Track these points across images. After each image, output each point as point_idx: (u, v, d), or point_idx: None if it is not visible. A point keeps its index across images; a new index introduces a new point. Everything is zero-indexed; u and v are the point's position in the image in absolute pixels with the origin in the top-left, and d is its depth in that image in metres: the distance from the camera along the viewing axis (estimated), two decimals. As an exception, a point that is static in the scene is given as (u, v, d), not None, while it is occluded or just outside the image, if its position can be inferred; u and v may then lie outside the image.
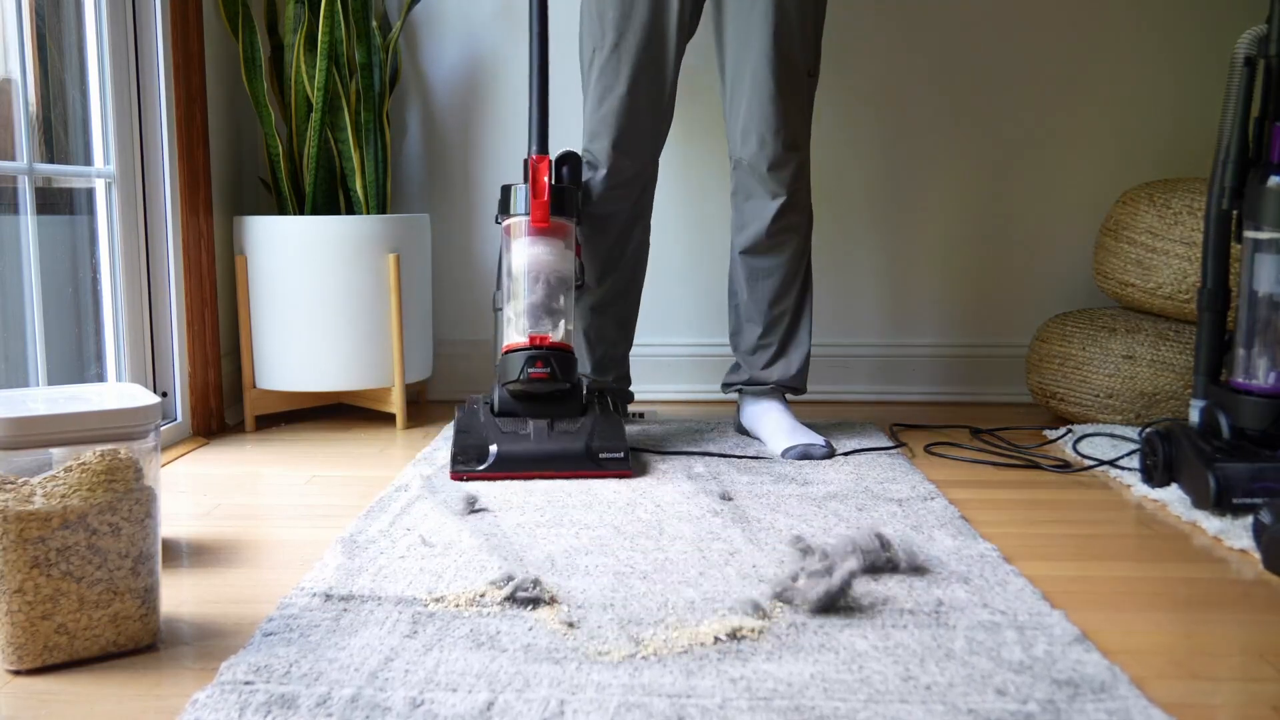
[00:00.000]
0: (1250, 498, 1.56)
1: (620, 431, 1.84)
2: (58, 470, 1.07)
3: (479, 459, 1.78)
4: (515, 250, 1.92)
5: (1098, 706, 0.98)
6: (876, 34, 2.50)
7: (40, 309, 1.76)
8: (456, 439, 1.82)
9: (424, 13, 2.51)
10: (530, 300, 1.89)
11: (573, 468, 1.79)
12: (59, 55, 1.94)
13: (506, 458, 1.78)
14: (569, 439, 1.81)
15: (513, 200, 1.94)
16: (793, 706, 0.98)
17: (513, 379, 1.86)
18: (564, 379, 1.86)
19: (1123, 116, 2.51)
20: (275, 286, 2.20)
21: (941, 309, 2.58)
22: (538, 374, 1.84)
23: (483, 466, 1.77)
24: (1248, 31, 1.71)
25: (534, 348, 1.86)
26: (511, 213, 1.94)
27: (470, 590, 1.25)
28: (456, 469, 1.77)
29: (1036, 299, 2.56)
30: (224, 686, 1.02)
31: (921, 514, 1.59)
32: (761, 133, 1.94)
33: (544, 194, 1.90)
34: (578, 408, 1.89)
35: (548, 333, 1.88)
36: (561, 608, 1.21)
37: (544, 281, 1.89)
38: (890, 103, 2.52)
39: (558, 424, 1.84)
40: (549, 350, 1.86)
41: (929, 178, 2.54)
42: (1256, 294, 1.67)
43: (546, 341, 1.87)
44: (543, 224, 1.90)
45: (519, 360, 1.86)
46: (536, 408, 1.88)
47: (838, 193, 2.54)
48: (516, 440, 1.80)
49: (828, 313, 2.57)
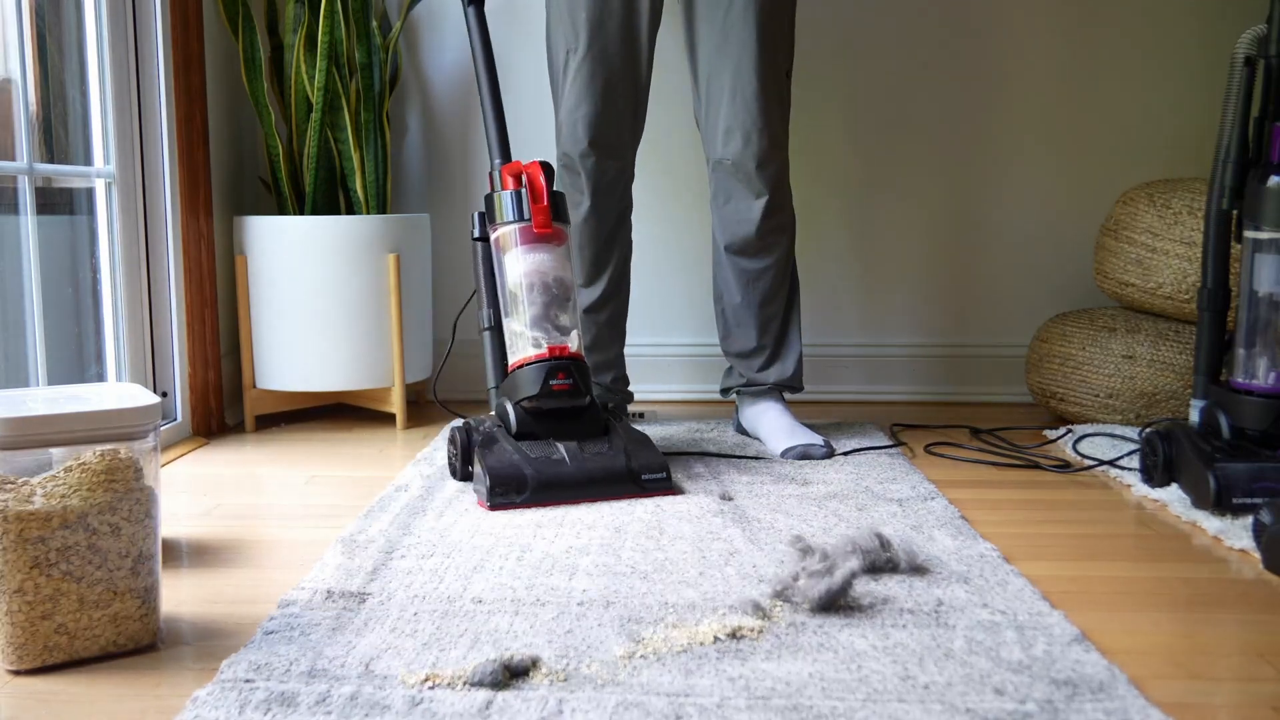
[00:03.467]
0: (1250, 498, 1.56)
1: (654, 448, 1.74)
2: (58, 470, 1.07)
3: (517, 489, 1.62)
4: (512, 261, 1.77)
5: (1096, 706, 0.98)
6: (877, 34, 2.50)
7: (40, 309, 1.76)
8: (488, 469, 1.63)
9: (424, 13, 2.51)
10: (538, 311, 1.74)
11: (615, 492, 1.67)
12: (59, 55, 1.94)
13: (546, 484, 1.63)
14: (606, 460, 1.68)
15: (501, 208, 1.79)
16: (791, 706, 0.98)
17: (532, 394, 1.70)
18: (586, 391, 1.73)
19: (1123, 116, 2.51)
20: (275, 286, 2.20)
21: (941, 309, 2.58)
22: (560, 385, 1.69)
23: (522, 497, 1.62)
24: (1248, 31, 1.71)
25: (553, 359, 1.71)
26: (501, 221, 1.79)
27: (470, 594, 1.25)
28: (496, 501, 1.61)
29: (1036, 299, 2.56)
30: (224, 684, 1.02)
31: (921, 514, 1.59)
32: (747, 130, 1.92)
33: (544, 198, 1.77)
34: (599, 424, 1.76)
35: (565, 343, 1.74)
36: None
37: (551, 290, 1.76)
38: (890, 101, 2.52)
39: (586, 444, 1.70)
40: (569, 360, 1.72)
41: (928, 177, 2.54)
42: (1256, 294, 1.67)
43: (566, 352, 1.73)
44: (546, 229, 1.77)
45: (537, 373, 1.70)
46: (558, 426, 1.73)
47: (837, 192, 2.54)
48: (551, 465, 1.65)
49: (827, 312, 2.57)
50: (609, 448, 1.71)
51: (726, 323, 2.09)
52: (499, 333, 1.82)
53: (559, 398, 1.70)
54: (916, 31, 2.50)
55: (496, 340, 1.83)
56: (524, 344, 1.74)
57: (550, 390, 1.69)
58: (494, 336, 1.83)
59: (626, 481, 1.67)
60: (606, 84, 1.95)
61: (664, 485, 1.69)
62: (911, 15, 2.49)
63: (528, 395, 1.71)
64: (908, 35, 2.50)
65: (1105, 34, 2.48)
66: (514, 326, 1.76)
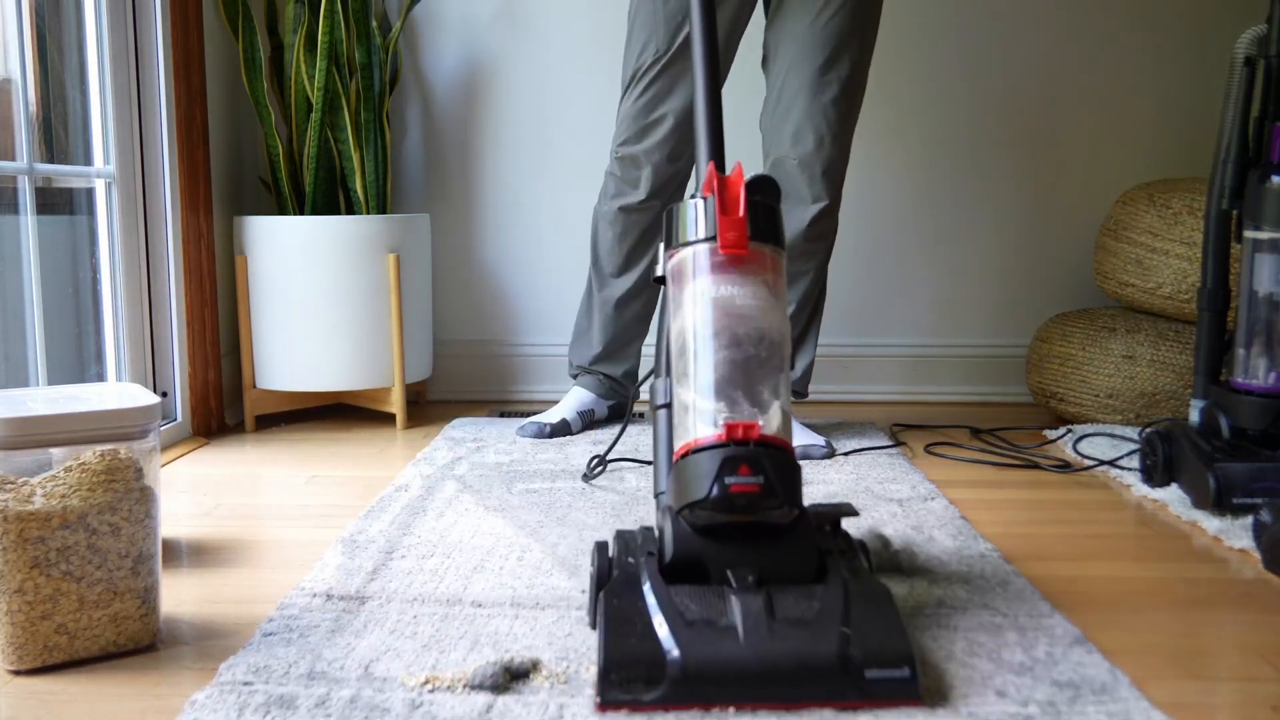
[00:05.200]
0: (1250, 498, 1.56)
1: (897, 622, 1.04)
2: (58, 470, 1.07)
3: (648, 679, 0.98)
4: (689, 297, 1.16)
5: (1099, 708, 0.98)
6: (879, 36, 2.50)
7: (40, 309, 1.76)
8: (610, 639, 1.01)
9: (424, 13, 2.51)
10: (722, 372, 1.13)
11: (818, 696, 0.98)
12: (59, 55, 1.94)
13: (698, 676, 0.98)
14: (806, 635, 1.01)
15: (683, 222, 1.19)
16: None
17: (697, 498, 1.08)
18: (784, 496, 1.08)
19: (1123, 116, 2.51)
20: (275, 286, 2.20)
21: (941, 308, 2.58)
22: (742, 487, 1.06)
23: (654, 695, 0.97)
24: (1248, 31, 1.71)
25: (734, 443, 1.08)
26: (680, 241, 1.19)
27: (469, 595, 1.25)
28: (610, 698, 0.98)
29: (1036, 299, 2.56)
30: (223, 687, 1.02)
31: (922, 514, 1.59)
32: (820, 133, 1.92)
33: (739, 208, 1.16)
34: (808, 559, 1.11)
35: (755, 420, 1.10)
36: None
37: (744, 340, 1.13)
38: (889, 103, 2.52)
39: (781, 598, 1.05)
40: (759, 448, 1.08)
41: (928, 178, 2.54)
42: (1256, 294, 1.67)
43: (755, 434, 1.09)
44: (739, 250, 1.15)
45: (708, 465, 1.08)
46: (738, 553, 1.10)
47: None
48: (710, 639, 1.00)
49: (829, 312, 2.56)
50: (818, 608, 1.04)
51: None
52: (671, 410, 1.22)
53: (737, 502, 1.07)
54: (917, 31, 2.50)
55: (669, 421, 1.21)
56: (696, 420, 1.13)
57: (727, 493, 1.07)
58: (668, 416, 1.21)
59: (837, 678, 0.98)
60: (687, 91, 1.95)
61: (906, 692, 0.98)
62: (912, 15, 2.49)
63: (691, 501, 1.09)
64: (908, 35, 2.49)
65: (1105, 33, 2.48)
66: (683, 396, 1.15)
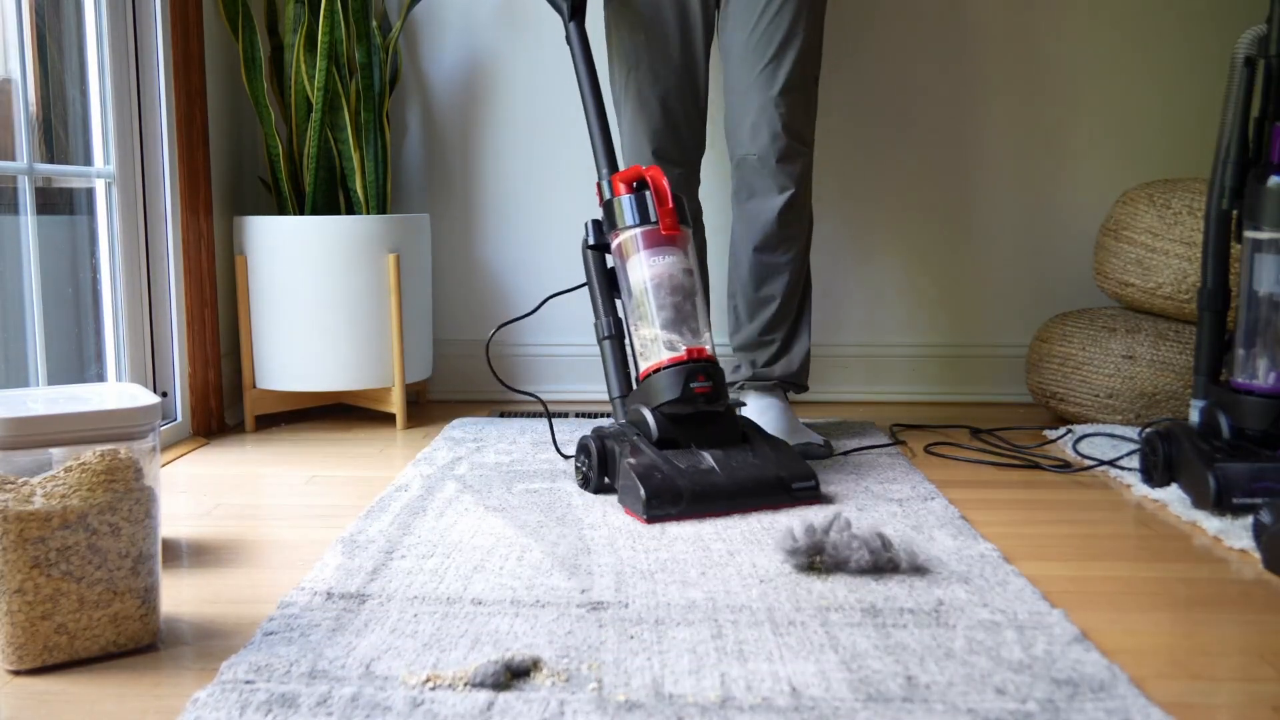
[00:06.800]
0: (1250, 498, 1.56)
1: (798, 455, 1.69)
2: (58, 470, 1.07)
3: (673, 500, 1.55)
4: (635, 265, 1.74)
5: (1097, 706, 0.98)
6: (880, 37, 2.50)
7: (40, 309, 1.76)
8: (642, 480, 1.55)
9: (424, 13, 2.51)
10: (671, 314, 1.70)
11: (767, 502, 1.61)
12: (59, 55, 1.94)
13: (701, 496, 1.57)
14: (755, 469, 1.62)
15: (622, 212, 1.76)
16: (792, 706, 0.98)
17: (672, 398, 1.65)
18: (724, 395, 1.68)
19: (1123, 116, 2.51)
20: (275, 286, 2.20)
21: (941, 309, 2.58)
22: (702, 389, 1.64)
23: (678, 509, 1.55)
24: (1248, 31, 1.71)
25: (692, 361, 1.67)
26: (622, 225, 1.75)
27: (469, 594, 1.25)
28: (654, 513, 1.54)
29: (1036, 299, 2.56)
30: (225, 685, 1.02)
31: (921, 514, 1.59)
32: (774, 126, 1.96)
33: (669, 200, 1.74)
34: (736, 430, 1.70)
35: (701, 345, 1.70)
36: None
37: (682, 291, 1.72)
38: (889, 103, 2.52)
39: (731, 453, 1.64)
40: (708, 363, 1.68)
41: (929, 177, 2.54)
42: (1256, 294, 1.67)
43: (703, 354, 1.69)
44: (674, 231, 1.73)
45: (677, 377, 1.65)
46: (698, 432, 1.67)
47: (837, 193, 2.54)
48: (703, 475, 1.59)
49: (828, 312, 2.57)
50: (754, 456, 1.65)
51: (738, 317, 2.10)
52: (619, 341, 1.81)
53: (700, 401, 1.65)
54: (917, 32, 2.50)
55: (617, 349, 1.81)
56: (657, 348, 1.70)
57: (692, 394, 1.64)
58: (614, 345, 1.81)
59: (778, 491, 1.62)
60: (665, 97, 2.03)
61: (814, 494, 1.64)
62: (912, 16, 2.49)
63: (668, 400, 1.66)
64: (908, 35, 2.50)
65: (1105, 33, 2.48)
66: (644, 332, 1.72)
